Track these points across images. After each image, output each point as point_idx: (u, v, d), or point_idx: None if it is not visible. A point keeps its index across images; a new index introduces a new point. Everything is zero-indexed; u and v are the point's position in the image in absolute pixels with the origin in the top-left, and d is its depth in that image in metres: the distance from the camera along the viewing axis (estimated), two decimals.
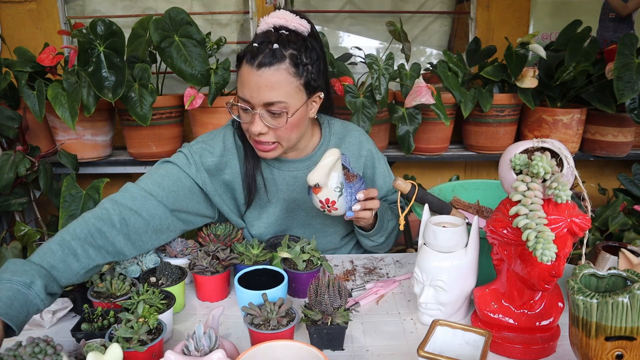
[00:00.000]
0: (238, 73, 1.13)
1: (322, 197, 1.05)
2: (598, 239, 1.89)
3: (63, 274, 0.92)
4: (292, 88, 1.09)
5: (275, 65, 1.06)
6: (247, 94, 1.09)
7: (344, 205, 1.07)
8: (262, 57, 1.06)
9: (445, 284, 0.93)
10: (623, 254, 1.03)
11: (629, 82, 1.84)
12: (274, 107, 1.09)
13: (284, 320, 0.88)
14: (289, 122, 1.11)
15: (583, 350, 0.73)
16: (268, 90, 1.07)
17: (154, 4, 2.48)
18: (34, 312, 0.86)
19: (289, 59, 1.08)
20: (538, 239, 0.75)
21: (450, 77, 2.06)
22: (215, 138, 1.25)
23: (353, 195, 1.07)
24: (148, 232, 1.08)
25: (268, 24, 1.12)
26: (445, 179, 2.58)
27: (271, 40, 1.07)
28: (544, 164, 0.80)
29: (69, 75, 1.85)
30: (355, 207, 1.08)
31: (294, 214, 1.32)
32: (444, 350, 0.80)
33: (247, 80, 1.08)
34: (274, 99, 1.08)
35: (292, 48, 1.08)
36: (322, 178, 1.01)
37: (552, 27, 2.48)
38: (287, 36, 1.09)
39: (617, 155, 2.24)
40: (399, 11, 2.54)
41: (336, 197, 1.05)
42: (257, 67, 1.06)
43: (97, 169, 2.20)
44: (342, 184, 1.06)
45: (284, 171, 1.27)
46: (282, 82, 1.07)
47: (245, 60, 1.09)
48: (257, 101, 1.09)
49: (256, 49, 1.07)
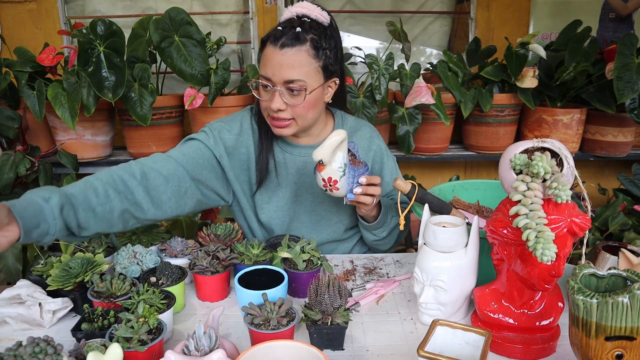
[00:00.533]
0: (261, 54, 1.20)
1: (325, 175, 1.08)
2: (598, 239, 1.89)
3: (81, 203, 1.02)
4: (311, 69, 1.16)
5: (297, 46, 1.14)
6: (269, 72, 1.16)
7: (346, 187, 1.10)
8: (285, 39, 1.14)
9: (445, 284, 0.93)
10: (623, 254, 1.03)
11: (629, 82, 1.84)
12: (293, 85, 1.15)
13: (284, 320, 0.88)
14: (306, 101, 1.18)
15: (583, 350, 0.73)
16: (289, 68, 1.14)
17: (154, 4, 2.48)
18: (45, 231, 0.94)
19: (310, 42, 1.15)
20: (538, 239, 0.75)
21: (450, 77, 2.06)
22: (234, 119, 1.34)
23: (356, 178, 1.10)
24: (167, 192, 1.17)
25: (292, 12, 1.20)
26: (445, 179, 2.58)
27: (294, 25, 1.16)
28: (544, 164, 0.80)
29: (69, 75, 1.85)
30: (356, 190, 1.11)
31: (301, 199, 1.35)
32: (444, 350, 0.80)
33: (270, 59, 1.16)
34: (294, 77, 1.15)
35: (312, 33, 1.16)
36: (326, 155, 1.04)
37: (552, 27, 2.48)
38: (309, 23, 1.17)
39: (617, 155, 2.24)
40: (399, 11, 2.54)
41: (338, 176, 1.07)
42: (280, 47, 1.14)
43: (97, 169, 2.19)
44: (346, 165, 1.09)
45: (295, 156, 1.32)
46: (303, 62, 1.15)
47: (269, 42, 1.17)
48: (278, 79, 1.15)
49: (280, 31, 1.16)
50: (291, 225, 1.36)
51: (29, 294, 1.00)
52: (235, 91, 2.23)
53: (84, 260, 1.05)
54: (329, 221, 1.37)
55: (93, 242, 1.19)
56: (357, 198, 1.13)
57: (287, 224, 1.36)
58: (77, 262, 1.03)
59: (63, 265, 1.03)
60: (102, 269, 1.05)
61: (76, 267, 1.03)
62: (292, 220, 1.36)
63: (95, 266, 1.05)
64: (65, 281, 1.00)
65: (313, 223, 1.36)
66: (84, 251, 1.13)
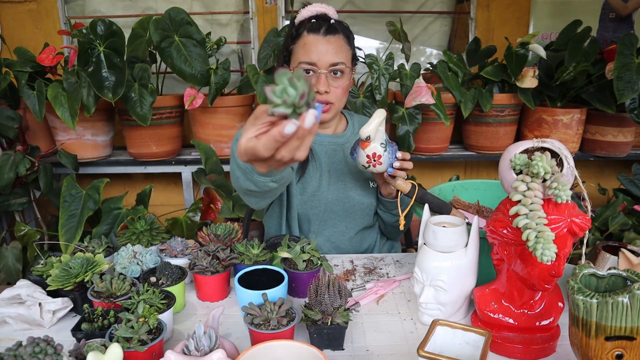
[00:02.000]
0: (297, 44, 1.30)
1: (369, 152, 1.16)
2: (598, 239, 1.89)
3: None
4: (348, 54, 1.32)
5: (337, 34, 1.29)
6: (314, 57, 1.27)
7: (387, 161, 1.17)
8: (326, 28, 1.28)
9: (445, 284, 0.93)
10: (623, 254, 1.03)
11: (629, 82, 1.84)
12: (337, 67, 1.28)
13: (284, 320, 0.88)
14: (345, 84, 1.31)
15: (583, 350, 0.73)
16: (333, 53, 1.27)
17: (154, 4, 2.48)
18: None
19: (343, 34, 1.31)
20: (538, 239, 0.75)
21: (450, 77, 2.06)
22: None
23: (393, 154, 1.18)
24: None
25: (311, 11, 1.32)
26: (445, 179, 2.58)
27: (326, 18, 1.30)
28: (544, 164, 0.80)
29: (69, 75, 1.85)
30: (395, 164, 1.18)
31: (332, 188, 1.40)
32: (444, 350, 0.80)
33: (315, 46, 1.27)
34: (338, 60, 1.28)
35: (341, 25, 1.31)
36: (373, 132, 1.13)
37: (552, 27, 2.48)
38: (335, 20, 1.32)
39: (617, 155, 2.24)
40: (399, 11, 2.54)
41: (382, 151, 1.16)
42: (323, 34, 1.27)
43: (97, 169, 2.20)
44: (387, 141, 1.18)
45: (324, 145, 1.41)
46: (343, 47, 1.30)
47: (306, 32, 1.28)
48: (323, 63, 1.27)
49: (316, 23, 1.29)
50: (324, 216, 1.39)
51: (29, 294, 1.00)
52: (235, 91, 2.24)
53: (84, 260, 1.05)
54: (360, 205, 1.40)
55: (93, 242, 1.19)
56: (394, 172, 1.19)
57: (322, 213, 1.39)
58: (77, 262, 1.03)
59: (63, 265, 1.03)
60: (102, 269, 1.05)
61: (76, 267, 1.03)
62: (325, 210, 1.39)
63: (95, 266, 1.05)
64: (65, 281, 1.00)
65: (346, 210, 1.40)
66: (84, 251, 1.13)
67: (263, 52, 2.05)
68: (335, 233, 1.41)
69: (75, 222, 1.86)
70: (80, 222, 1.86)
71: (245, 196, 1.17)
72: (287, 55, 1.34)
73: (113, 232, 1.86)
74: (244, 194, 1.15)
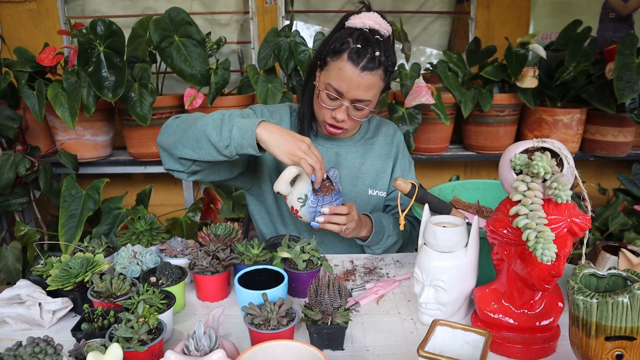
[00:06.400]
0: (334, 62, 1.20)
1: (288, 204, 1.15)
2: (598, 239, 1.89)
3: None
4: (379, 90, 1.24)
5: (374, 70, 1.18)
6: (343, 87, 1.19)
7: (308, 215, 1.14)
8: (365, 61, 1.16)
9: (445, 284, 0.93)
10: (623, 254, 1.03)
11: (629, 82, 1.84)
12: (361, 104, 1.22)
13: (284, 320, 0.88)
14: (364, 114, 1.25)
15: (583, 350, 0.73)
16: (364, 90, 1.19)
17: (154, 4, 2.48)
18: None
19: (383, 67, 1.19)
20: (538, 239, 0.75)
21: (450, 77, 2.06)
22: (275, 111, 1.38)
23: (318, 207, 1.13)
24: None
25: (362, 23, 1.21)
26: (445, 179, 2.58)
27: (372, 45, 1.17)
28: (544, 164, 0.80)
29: (69, 75, 1.85)
30: (318, 219, 1.14)
31: None
32: (444, 350, 0.80)
33: (348, 77, 1.18)
34: (365, 97, 1.21)
35: (385, 55, 1.19)
36: (282, 188, 1.10)
37: (552, 27, 2.48)
38: (383, 43, 1.20)
39: (617, 155, 2.24)
40: (399, 11, 2.54)
41: (299, 206, 1.13)
42: (361, 69, 1.17)
43: (97, 169, 2.20)
44: (307, 196, 1.12)
45: (327, 148, 1.37)
46: (375, 84, 1.20)
47: (347, 58, 1.17)
48: (350, 96, 1.20)
49: (359, 50, 1.17)
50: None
51: (29, 294, 1.00)
52: (235, 91, 2.23)
53: (84, 260, 1.05)
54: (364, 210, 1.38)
55: (93, 242, 1.19)
56: (321, 226, 1.15)
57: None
58: (77, 262, 1.03)
59: (63, 265, 1.03)
60: (102, 269, 1.05)
61: (76, 267, 1.02)
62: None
63: (95, 266, 1.04)
64: (65, 281, 1.00)
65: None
66: (83, 251, 1.13)
67: (263, 52, 2.05)
68: (328, 234, 1.39)
69: (75, 222, 1.86)
70: (80, 222, 1.87)
71: (173, 149, 1.14)
72: (322, 61, 1.24)
73: (113, 232, 1.86)
74: (173, 147, 1.13)
